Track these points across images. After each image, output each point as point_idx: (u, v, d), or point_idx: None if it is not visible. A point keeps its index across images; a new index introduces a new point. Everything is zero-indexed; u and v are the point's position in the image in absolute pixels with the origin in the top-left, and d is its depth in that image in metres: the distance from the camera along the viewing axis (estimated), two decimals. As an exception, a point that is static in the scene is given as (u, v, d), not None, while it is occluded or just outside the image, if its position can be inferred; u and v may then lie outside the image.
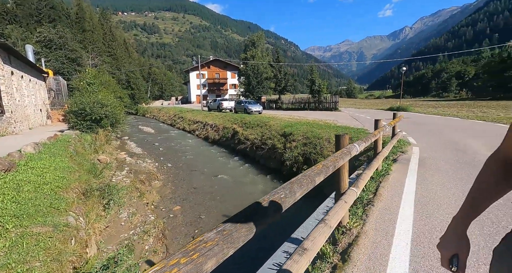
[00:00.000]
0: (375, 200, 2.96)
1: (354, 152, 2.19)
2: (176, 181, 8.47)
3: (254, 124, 13.66)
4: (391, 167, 4.28)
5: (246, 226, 0.84)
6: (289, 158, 8.89)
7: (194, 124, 20.69)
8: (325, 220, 1.70)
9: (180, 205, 6.54)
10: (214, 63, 54.97)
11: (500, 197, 0.60)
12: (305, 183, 1.32)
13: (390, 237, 2.14)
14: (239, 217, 0.85)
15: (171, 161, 11.15)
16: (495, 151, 0.65)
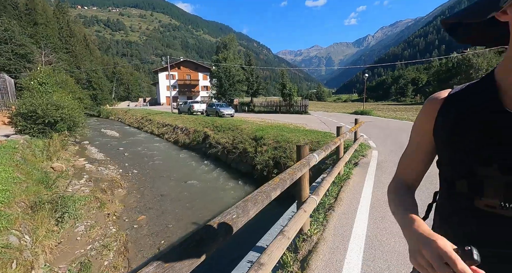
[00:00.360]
0: (336, 205, 3.12)
1: (313, 162, 2.29)
2: (142, 189, 8.05)
3: (225, 128, 13.56)
4: (352, 171, 4.56)
5: (191, 255, 0.83)
6: (260, 162, 8.99)
7: (163, 127, 19.89)
8: (283, 231, 1.75)
9: (146, 214, 6.22)
10: (185, 64, 53.55)
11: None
12: (260, 200, 1.35)
13: (346, 242, 2.28)
14: (184, 245, 0.84)
15: (137, 167, 10.57)
16: (392, 181, 0.71)
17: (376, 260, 1.95)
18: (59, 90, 14.66)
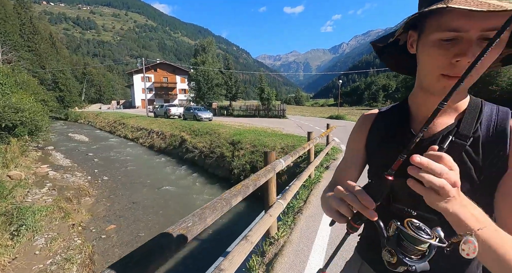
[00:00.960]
0: (304, 208, 3.24)
1: (279, 167, 2.37)
2: (113, 196, 7.67)
3: (203, 132, 13.40)
4: (322, 175, 4.75)
5: (138, 267, 0.84)
6: (237, 166, 9.01)
7: (137, 131, 19.13)
8: (247, 236, 1.80)
9: (116, 223, 5.93)
10: (161, 66, 52.15)
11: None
12: (219, 207, 1.38)
13: (311, 243, 2.38)
14: (127, 260, 0.84)
15: (108, 173, 10.06)
16: (327, 186, 0.76)
17: (335, 258, 2.07)
18: (19, 91, 13.54)
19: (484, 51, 0.32)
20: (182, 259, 4.45)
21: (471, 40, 0.41)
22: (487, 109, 0.52)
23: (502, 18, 0.36)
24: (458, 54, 0.42)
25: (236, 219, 5.88)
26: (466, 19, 0.40)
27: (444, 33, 0.42)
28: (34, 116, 10.62)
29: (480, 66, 0.43)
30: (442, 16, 0.42)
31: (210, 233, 5.34)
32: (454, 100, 0.53)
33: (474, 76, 0.45)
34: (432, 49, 0.45)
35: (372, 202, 0.39)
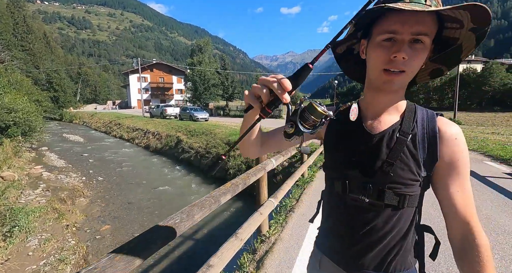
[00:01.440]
0: (296, 206, 3.29)
1: (270, 167, 2.42)
2: (108, 197, 7.65)
3: (199, 132, 13.40)
4: (315, 174, 4.80)
5: (125, 259, 0.88)
6: (233, 166, 9.04)
7: (133, 131, 19.04)
8: (237, 233, 1.84)
9: (110, 224, 5.92)
10: (158, 67, 51.92)
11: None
12: (207, 205, 1.42)
13: (301, 240, 2.43)
14: (121, 250, 0.89)
15: (103, 174, 10.01)
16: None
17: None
18: (12, 91, 13.40)
19: (344, 28, 0.41)
20: (176, 259, 4.48)
21: (404, 41, 0.52)
22: (419, 112, 0.62)
23: (424, 26, 0.50)
24: (395, 51, 0.52)
25: (234, 221, 5.92)
26: (400, 24, 0.51)
27: (385, 35, 0.53)
28: (28, 116, 10.53)
29: (411, 65, 0.53)
30: (383, 22, 0.53)
31: (205, 235, 5.37)
32: (394, 99, 0.62)
33: (409, 74, 0.55)
34: (376, 48, 0.55)
35: (289, 85, 0.43)
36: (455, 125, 0.60)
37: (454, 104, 18.20)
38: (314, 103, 0.46)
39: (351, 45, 0.68)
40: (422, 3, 0.49)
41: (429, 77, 0.67)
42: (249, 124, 0.52)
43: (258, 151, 0.73)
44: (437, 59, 0.61)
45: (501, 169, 5.23)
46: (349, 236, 0.66)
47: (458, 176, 0.56)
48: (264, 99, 0.46)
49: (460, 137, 0.58)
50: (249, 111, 0.52)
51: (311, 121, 0.45)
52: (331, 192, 0.71)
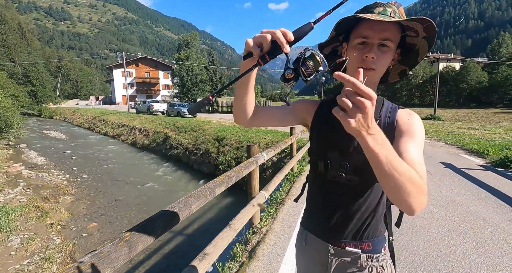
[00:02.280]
0: (286, 199, 3.39)
1: (262, 160, 2.49)
2: (93, 194, 7.47)
3: (187, 128, 13.26)
4: (304, 168, 4.93)
5: (128, 245, 0.92)
6: (222, 162, 9.06)
7: (119, 128, 18.53)
8: (230, 224, 1.90)
9: (97, 221, 5.82)
10: (143, 61, 50.43)
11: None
12: (203, 195, 1.47)
13: (291, 231, 2.53)
14: (123, 236, 0.93)
15: (88, 171, 9.73)
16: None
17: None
18: (-14, 85, 12.63)
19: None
20: (174, 247, 4.54)
21: (373, 44, 0.63)
22: (386, 103, 0.74)
23: (389, 33, 0.62)
24: (366, 52, 0.64)
25: (227, 214, 5.99)
26: (370, 31, 0.63)
27: (359, 39, 0.65)
28: (4, 112, 9.99)
29: (380, 64, 0.64)
30: (358, 29, 0.65)
31: (201, 226, 5.42)
32: None
33: (378, 72, 0.66)
34: (353, 50, 0.67)
35: (292, 36, 0.48)
36: (412, 112, 0.70)
37: (434, 101, 19.03)
38: (316, 52, 0.52)
39: (335, 47, 0.79)
40: (388, 15, 0.62)
41: (398, 77, 0.79)
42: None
43: (249, 120, 0.78)
44: (402, 61, 0.74)
45: (475, 162, 5.59)
46: (329, 210, 0.77)
47: (410, 141, 0.62)
48: (266, 46, 0.51)
49: (413, 118, 0.68)
50: (247, 59, 0.56)
51: (310, 68, 0.51)
52: (315, 173, 0.81)
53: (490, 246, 2.26)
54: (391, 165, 0.46)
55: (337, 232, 0.76)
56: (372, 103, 0.41)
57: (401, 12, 0.64)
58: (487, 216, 2.89)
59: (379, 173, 0.48)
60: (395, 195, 0.49)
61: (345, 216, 0.74)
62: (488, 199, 3.40)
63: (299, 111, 0.83)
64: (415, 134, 0.64)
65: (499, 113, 20.87)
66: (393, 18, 0.60)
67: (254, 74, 0.64)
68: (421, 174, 0.55)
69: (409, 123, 0.67)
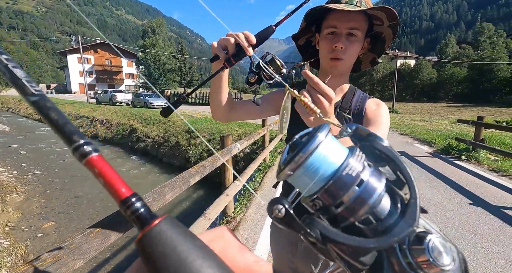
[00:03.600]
0: (259, 188, 3.49)
1: (235, 151, 2.51)
2: (49, 192, 6.83)
3: (156, 120, 12.63)
4: (276, 159, 5.08)
5: (100, 236, 0.88)
6: (194, 155, 8.87)
7: (77, 119, 16.94)
8: (205, 214, 1.91)
9: (54, 220, 5.36)
10: (103, 47, 46.14)
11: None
12: (178, 185, 1.45)
13: (264, 218, 2.62)
14: (95, 227, 0.89)
15: (41, 167, 8.82)
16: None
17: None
18: None
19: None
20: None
21: (341, 34, 0.66)
22: (358, 93, 0.78)
23: (356, 22, 0.65)
24: (335, 42, 0.66)
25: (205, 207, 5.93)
26: (338, 21, 0.66)
27: (328, 29, 0.68)
28: None
29: (349, 53, 0.67)
30: (328, 20, 0.68)
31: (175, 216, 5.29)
32: (340, 82, 0.76)
33: (347, 61, 0.69)
34: (323, 40, 0.70)
35: (254, 39, 0.51)
36: (379, 102, 0.76)
37: (393, 95, 20.72)
38: (276, 57, 0.54)
39: (309, 38, 0.82)
40: (354, 5, 0.64)
41: (370, 65, 0.84)
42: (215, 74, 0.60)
43: (227, 115, 0.79)
44: (372, 49, 0.78)
45: (425, 150, 6.29)
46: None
47: (376, 130, 0.68)
48: (231, 49, 0.53)
49: (380, 107, 0.73)
50: (215, 61, 0.58)
51: (270, 72, 0.54)
52: None
53: (434, 222, 2.61)
54: None
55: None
56: (330, 102, 0.44)
57: (367, 1, 0.67)
58: (433, 196, 3.31)
59: None
60: None
61: None
62: (434, 182, 3.88)
63: (276, 102, 0.85)
64: (380, 123, 0.69)
65: (445, 107, 23.53)
66: (359, 7, 0.63)
67: (226, 73, 0.65)
68: None
69: (376, 113, 0.72)
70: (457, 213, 2.81)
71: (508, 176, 4.13)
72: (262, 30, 0.53)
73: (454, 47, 38.70)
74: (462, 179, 3.99)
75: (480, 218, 2.67)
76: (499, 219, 2.65)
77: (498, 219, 2.64)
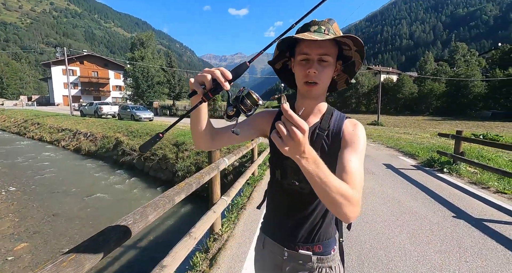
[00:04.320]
0: (248, 203, 3.43)
1: (223, 166, 2.48)
2: (24, 210, 6.41)
3: (142, 133, 12.39)
4: (265, 172, 5.05)
5: (73, 265, 0.82)
6: (182, 168, 8.68)
7: (58, 132, 16.33)
8: (190, 233, 1.84)
9: (28, 241, 5.00)
10: (90, 59, 45.66)
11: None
12: (162, 204, 1.40)
13: (252, 235, 2.56)
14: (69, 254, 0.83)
15: (16, 183, 8.33)
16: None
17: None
18: None
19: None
20: (129, 261, 4.15)
21: (314, 60, 0.69)
22: (335, 114, 0.80)
23: (325, 49, 0.68)
24: (308, 67, 0.69)
25: (187, 221, 5.73)
26: (309, 48, 0.69)
27: (301, 56, 0.71)
28: None
29: (322, 77, 0.70)
30: (300, 47, 0.71)
31: (159, 236, 5.08)
32: (316, 103, 0.79)
33: (321, 85, 0.72)
34: (297, 66, 0.73)
35: (230, 74, 0.54)
36: (356, 123, 0.78)
37: (377, 108, 21.48)
38: (251, 91, 0.57)
39: (285, 62, 0.85)
40: (322, 33, 0.68)
41: (345, 84, 0.86)
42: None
43: (210, 144, 0.80)
44: (345, 70, 0.81)
45: (409, 162, 6.47)
46: (285, 215, 0.82)
47: (352, 151, 0.68)
48: (207, 85, 0.55)
49: (357, 129, 0.74)
50: (193, 96, 0.60)
51: (248, 105, 0.56)
52: (273, 180, 0.87)
53: (420, 235, 2.64)
54: (323, 183, 0.52)
55: (291, 236, 0.81)
56: (304, 134, 0.46)
57: (335, 28, 0.71)
58: (418, 209, 3.37)
59: (314, 189, 0.54)
60: (331, 207, 0.56)
61: (299, 221, 0.80)
62: (419, 195, 3.97)
63: (257, 124, 0.86)
64: (357, 145, 0.71)
65: (427, 120, 24.58)
66: (327, 35, 0.67)
67: (204, 106, 0.68)
68: (357, 184, 0.61)
69: (353, 134, 0.73)
70: (442, 226, 2.86)
71: (487, 189, 4.30)
72: (237, 66, 0.56)
73: (432, 64, 41.10)
74: (445, 192, 4.10)
75: (464, 231, 2.72)
76: (481, 232, 2.71)
77: (480, 232, 2.70)
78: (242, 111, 0.57)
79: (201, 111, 0.69)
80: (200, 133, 0.74)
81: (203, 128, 0.74)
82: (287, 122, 0.46)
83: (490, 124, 19.23)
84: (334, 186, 0.53)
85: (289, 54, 0.80)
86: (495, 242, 2.49)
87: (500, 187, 4.27)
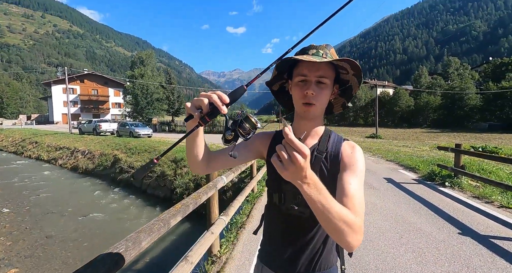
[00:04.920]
0: (247, 222, 3.33)
1: (221, 184, 2.43)
2: (16, 233, 6.21)
3: (141, 150, 12.34)
4: (264, 188, 4.96)
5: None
6: (180, 185, 8.55)
7: (56, 151, 16.24)
8: (187, 257, 1.76)
9: (19, 266, 4.79)
10: (90, 78, 46.59)
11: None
12: (156, 229, 1.35)
13: (252, 256, 2.46)
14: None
15: (10, 204, 8.14)
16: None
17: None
18: None
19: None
20: None
21: (311, 81, 0.70)
22: (333, 135, 0.80)
23: (323, 72, 0.69)
24: (306, 89, 0.70)
25: (184, 241, 5.52)
26: (307, 70, 0.69)
27: (299, 77, 0.72)
28: None
29: (320, 99, 0.71)
30: (298, 68, 0.72)
31: (153, 261, 4.86)
32: (313, 125, 0.79)
33: (319, 106, 0.72)
34: (295, 87, 0.73)
35: (227, 98, 0.53)
36: (354, 145, 0.77)
37: (375, 121, 21.65)
38: (250, 115, 0.57)
39: (282, 84, 0.86)
40: (320, 56, 0.69)
41: (341, 108, 0.87)
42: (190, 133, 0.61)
43: (205, 168, 0.78)
44: (341, 94, 0.82)
45: (410, 176, 6.40)
46: (283, 242, 0.79)
47: (352, 174, 0.68)
48: (204, 109, 0.54)
49: (355, 151, 0.74)
50: (189, 120, 0.60)
51: (247, 129, 0.56)
52: (270, 204, 0.83)
53: (426, 255, 2.54)
54: (325, 209, 0.50)
55: (290, 265, 0.77)
56: (306, 159, 0.45)
57: (332, 53, 0.72)
58: (422, 226, 3.28)
59: (316, 215, 0.52)
60: (333, 235, 0.54)
61: (298, 248, 0.76)
62: (422, 210, 3.88)
63: (254, 147, 0.85)
64: (357, 168, 0.70)
65: (425, 133, 24.71)
66: (324, 58, 0.67)
67: (201, 130, 0.67)
68: (358, 208, 0.60)
69: (351, 156, 0.73)
70: (448, 244, 2.76)
71: (491, 203, 4.21)
72: (235, 90, 0.56)
73: (427, 78, 42.08)
74: (448, 207, 4.02)
75: (471, 249, 2.63)
76: (489, 249, 2.62)
77: (488, 250, 2.61)
78: (240, 135, 0.56)
79: (197, 135, 0.68)
80: (196, 157, 0.73)
81: (199, 153, 0.72)
82: (288, 146, 0.45)
83: (488, 136, 19.33)
84: (336, 212, 0.51)
85: (287, 76, 0.81)
86: (505, 261, 2.39)
87: (504, 201, 4.19)
